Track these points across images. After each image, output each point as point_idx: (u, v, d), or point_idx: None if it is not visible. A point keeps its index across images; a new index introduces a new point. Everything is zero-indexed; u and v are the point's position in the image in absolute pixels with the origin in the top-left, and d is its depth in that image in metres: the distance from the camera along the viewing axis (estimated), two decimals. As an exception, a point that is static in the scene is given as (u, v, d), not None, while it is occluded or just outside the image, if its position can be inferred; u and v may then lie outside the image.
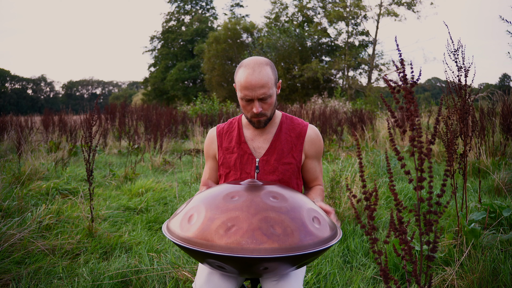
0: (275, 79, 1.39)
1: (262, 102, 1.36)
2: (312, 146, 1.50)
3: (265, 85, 1.33)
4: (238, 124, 1.54)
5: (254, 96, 1.34)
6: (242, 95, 1.36)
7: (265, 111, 1.38)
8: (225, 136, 1.53)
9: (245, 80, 1.33)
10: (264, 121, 1.42)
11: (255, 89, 1.32)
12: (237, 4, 33.60)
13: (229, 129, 1.54)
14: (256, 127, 1.43)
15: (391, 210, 0.89)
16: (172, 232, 1.04)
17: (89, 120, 2.89)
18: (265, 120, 1.41)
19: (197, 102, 14.18)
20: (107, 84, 74.93)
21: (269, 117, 1.42)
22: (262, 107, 1.37)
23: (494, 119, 5.63)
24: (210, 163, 1.58)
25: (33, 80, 61.98)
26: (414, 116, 0.81)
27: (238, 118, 1.56)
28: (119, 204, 3.57)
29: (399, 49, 0.87)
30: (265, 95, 1.34)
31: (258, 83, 1.32)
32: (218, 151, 1.52)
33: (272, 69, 1.37)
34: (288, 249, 0.92)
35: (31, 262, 2.29)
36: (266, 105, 1.37)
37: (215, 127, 1.57)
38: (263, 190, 1.10)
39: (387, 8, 22.74)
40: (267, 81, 1.33)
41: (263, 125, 1.42)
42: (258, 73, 1.33)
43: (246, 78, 1.32)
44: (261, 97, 1.34)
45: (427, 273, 0.85)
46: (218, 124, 1.60)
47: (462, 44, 2.48)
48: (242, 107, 1.41)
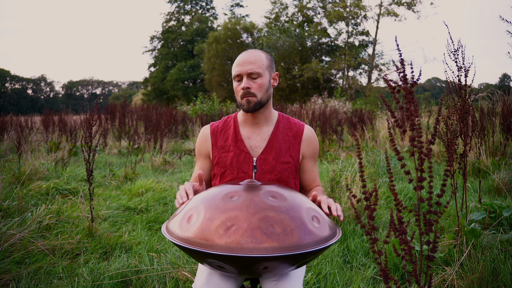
0: (268, 64, 1.42)
1: (251, 80, 1.38)
2: (309, 146, 1.49)
3: (255, 62, 1.38)
4: (234, 122, 1.51)
5: (242, 71, 1.37)
6: (234, 73, 1.41)
7: (254, 91, 1.38)
8: (220, 134, 1.49)
9: (238, 58, 1.41)
10: (254, 103, 1.39)
11: (244, 65, 1.38)
12: (237, 4, 33.61)
13: (224, 127, 1.51)
14: (245, 109, 1.41)
15: (391, 210, 0.89)
16: (172, 232, 1.04)
17: (89, 120, 2.89)
18: (255, 102, 1.39)
19: (197, 102, 14.18)
20: (107, 84, 74.95)
21: (259, 101, 1.40)
22: (250, 85, 1.37)
23: (494, 119, 5.63)
24: (201, 162, 1.53)
25: (33, 80, 61.99)
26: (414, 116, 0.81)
27: (233, 116, 1.53)
28: (119, 204, 3.57)
29: (399, 49, 0.87)
30: (253, 71, 1.37)
31: (248, 59, 1.38)
32: (213, 149, 1.49)
33: (266, 56, 1.43)
34: (288, 248, 0.92)
35: (31, 262, 2.29)
36: (255, 84, 1.38)
37: (208, 125, 1.54)
38: (262, 189, 1.10)
39: (387, 8, 22.74)
40: (257, 59, 1.39)
41: (252, 106, 1.39)
42: (250, 53, 1.41)
43: (239, 56, 1.41)
44: (250, 71, 1.37)
45: (427, 273, 0.85)
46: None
47: (462, 44, 2.48)
48: (235, 90, 1.43)
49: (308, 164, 1.51)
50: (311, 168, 1.51)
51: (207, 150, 1.51)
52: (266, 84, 1.40)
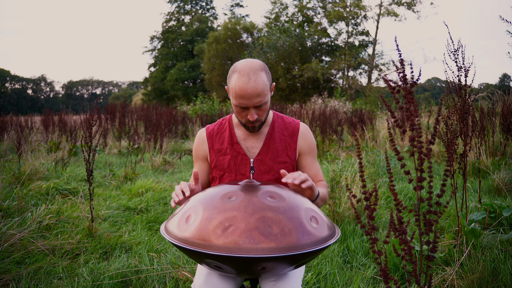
0: (270, 84, 1.35)
1: (257, 109, 1.34)
2: (305, 142, 1.48)
3: (261, 93, 1.30)
4: (229, 124, 1.50)
5: (249, 104, 1.30)
6: (236, 103, 1.32)
7: (260, 117, 1.37)
8: (216, 138, 1.48)
9: (240, 89, 1.28)
10: (258, 126, 1.41)
11: (251, 98, 1.29)
12: (237, 4, 33.60)
13: (220, 130, 1.50)
14: (250, 131, 1.42)
15: (391, 210, 0.89)
16: (170, 232, 1.04)
17: (89, 120, 2.89)
18: (259, 125, 1.41)
19: (197, 102, 14.18)
20: (107, 84, 74.95)
21: (263, 122, 1.41)
22: (257, 114, 1.35)
23: (494, 119, 5.63)
24: (199, 165, 1.52)
25: (33, 80, 62.00)
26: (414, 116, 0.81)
27: (228, 118, 1.52)
28: (119, 204, 3.57)
29: (399, 49, 0.87)
30: (261, 103, 1.31)
31: (254, 92, 1.28)
32: (210, 153, 1.48)
33: (267, 74, 1.33)
34: (286, 248, 0.92)
35: (31, 262, 2.29)
36: (261, 112, 1.36)
37: (204, 128, 1.52)
38: (261, 190, 1.10)
39: (387, 8, 22.74)
40: (263, 89, 1.30)
41: (257, 129, 1.41)
42: (253, 81, 1.28)
43: (242, 87, 1.28)
44: (257, 105, 1.31)
45: (427, 273, 0.85)
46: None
47: (462, 44, 2.48)
48: (236, 112, 1.37)
49: (307, 160, 1.49)
50: (310, 164, 1.50)
51: (204, 154, 1.50)
52: (269, 104, 1.39)
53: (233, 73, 1.32)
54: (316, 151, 1.55)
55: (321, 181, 1.51)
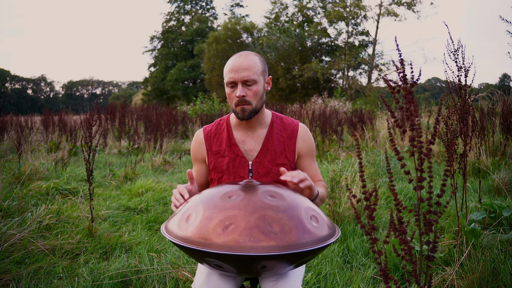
0: (262, 69, 1.37)
1: (246, 87, 1.33)
2: (304, 143, 1.47)
3: (250, 68, 1.32)
4: (226, 125, 1.48)
5: (237, 78, 1.32)
6: (226, 80, 1.35)
7: (249, 98, 1.34)
8: (213, 139, 1.47)
9: (231, 63, 1.34)
10: (249, 111, 1.35)
11: (239, 71, 1.32)
12: (237, 4, 33.60)
13: (218, 131, 1.48)
14: (240, 117, 1.37)
15: (391, 210, 0.89)
16: (171, 232, 1.05)
17: (89, 120, 2.89)
18: (250, 110, 1.35)
19: (197, 102, 14.18)
20: (107, 84, 74.94)
21: (255, 108, 1.36)
22: (245, 93, 1.33)
23: (494, 119, 5.63)
24: (197, 166, 1.51)
25: (33, 80, 62.00)
26: (414, 116, 0.81)
27: (226, 119, 1.50)
28: (119, 204, 3.57)
29: (399, 49, 0.87)
30: (249, 78, 1.32)
31: (243, 65, 1.32)
32: (208, 154, 1.46)
33: (260, 60, 1.38)
34: (286, 247, 0.92)
35: (31, 262, 2.29)
36: (250, 92, 1.34)
37: (202, 129, 1.51)
38: (261, 189, 1.10)
39: (387, 8, 22.74)
40: (252, 65, 1.33)
41: (247, 115, 1.36)
42: (244, 57, 1.34)
43: (232, 62, 1.35)
44: (245, 79, 1.32)
45: (427, 273, 0.85)
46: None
47: (462, 44, 2.48)
48: (227, 96, 1.38)
49: (306, 162, 1.48)
50: (309, 165, 1.49)
51: (202, 155, 1.49)
52: (261, 91, 1.37)
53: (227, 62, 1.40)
54: (315, 152, 1.54)
55: (320, 181, 1.50)
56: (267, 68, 1.43)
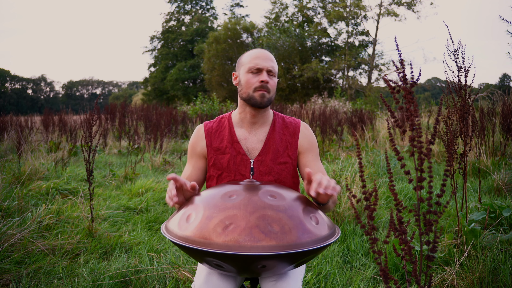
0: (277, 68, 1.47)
1: (269, 76, 1.40)
2: (305, 139, 1.46)
3: (274, 61, 1.43)
4: (228, 122, 1.47)
5: (264, 65, 1.38)
6: (252, 65, 1.39)
7: (270, 87, 1.39)
8: (214, 135, 1.46)
9: (257, 52, 1.41)
10: (267, 98, 1.39)
11: (265, 60, 1.39)
12: (237, 4, 33.61)
13: (219, 127, 1.47)
14: (258, 103, 1.38)
15: (391, 210, 0.89)
16: (171, 231, 1.05)
17: (89, 120, 2.89)
18: (268, 98, 1.39)
19: (197, 102, 14.18)
20: (107, 84, 74.94)
21: (270, 98, 1.41)
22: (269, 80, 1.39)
23: (494, 119, 5.63)
24: (194, 161, 1.48)
25: (33, 80, 62.00)
26: (414, 116, 0.81)
27: (227, 116, 1.50)
28: (119, 204, 3.57)
29: (399, 49, 0.87)
30: (273, 69, 1.40)
31: (269, 57, 1.41)
32: (208, 150, 1.45)
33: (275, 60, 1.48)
34: (286, 246, 0.93)
35: (31, 262, 2.29)
36: (272, 81, 1.40)
37: (202, 125, 1.49)
38: (261, 189, 1.10)
39: (387, 8, 22.74)
40: (275, 60, 1.44)
41: (265, 101, 1.38)
42: (268, 52, 1.43)
43: (258, 52, 1.42)
44: (270, 68, 1.39)
45: (427, 273, 0.85)
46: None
47: (462, 44, 2.48)
48: (246, 81, 1.39)
49: (308, 158, 1.45)
50: (312, 162, 1.44)
51: (202, 150, 1.47)
52: (276, 86, 1.44)
53: (244, 53, 1.47)
54: (318, 150, 1.52)
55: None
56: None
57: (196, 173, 1.47)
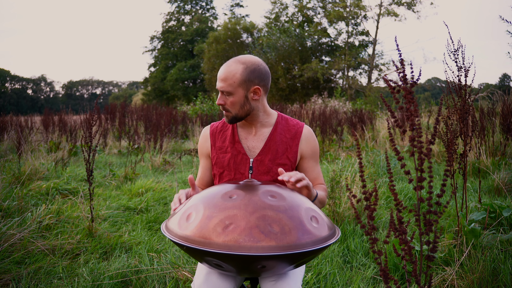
0: (242, 80, 1.33)
1: (224, 97, 1.38)
2: (308, 145, 1.48)
3: (226, 79, 1.34)
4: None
5: (218, 86, 1.37)
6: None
7: (227, 107, 1.38)
8: (218, 135, 1.50)
9: (219, 72, 1.39)
10: (230, 117, 1.40)
11: (219, 80, 1.37)
12: (237, 4, 33.60)
13: (223, 128, 1.52)
14: (226, 121, 1.44)
15: (391, 210, 0.89)
16: (171, 231, 1.05)
17: (89, 120, 2.89)
18: (231, 117, 1.40)
19: (197, 102, 14.18)
20: (107, 84, 74.93)
21: (235, 116, 1.40)
22: (224, 101, 1.38)
23: (494, 119, 5.63)
24: (203, 162, 1.56)
25: (33, 80, 61.99)
26: (414, 116, 0.81)
27: None
28: (119, 204, 3.57)
29: (399, 49, 0.87)
30: (223, 90, 1.36)
31: (221, 76, 1.36)
32: (212, 150, 1.50)
33: (244, 71, 1.33)
34: (286, 247, 0.93)
35: (31, 262, 2.29)
36: (228, 101, 1.38)
37: (209, 126, 1.55)
38: (261, 189, 1.10)
39: (387, 8, 22.74)
40: (229, 76, 1.34)
41: (229, 120, 1.41)
42: (227, 67, 1.35)
43: (220, 69, 1.39)
44: (221, 89, 1.37)
45: (427, 273, 0.85)
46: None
47: (462, 44, 2.48)
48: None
49: (308, 164, 1.50)
50: (312, 167, 1.50)
51: (207, 151, 1.52)
52: (239, 101, 1.36)
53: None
54: (319, 155, 1.55)
55: (321, 185, 1.51)
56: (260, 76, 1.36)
57: (206, 173, 1.56)
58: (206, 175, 1.55)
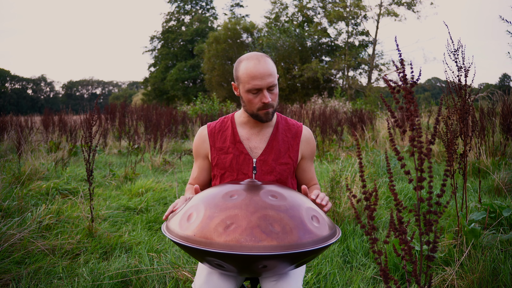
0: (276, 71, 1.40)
1: (270, 92, 1.35)
2: (308, 146, 1.50)
3: (273, 73, 1.34)
4: (231, 123, 1.49)
5: (263, 85, 1.32)
6: (250, 87, 1.33)
7: (273, 102, 1.37)
8: (217, 136, 1.48)
9: (253, 70, 1.31)
10: (272, 114, 1.38)
11: (264, 78, 1.32)
12: (237, 4, 33.59)
13: (222, 128, 1.49)
14: (264, 120, 1.39)
15: (391, 210, 0.89)
16: (172, 231, 1.05)
17: (89, 120, 2.89)
18: (272, 112, 1.39)
19: (197, 102, 14.18)
20: (107, 84, 74.92)
21: (275, 109, 1.40)
22: (272, 98, 1.36)
23: (494, 119, 5.63)
24: (199, 162, 1.53)
25: (33, 80, 61.98)
26: (414, 116, 0.81)
27: (230, 117, 1.51)
28: (119, 204, 3.57)
29: (399, 49, 0.87)
30: (273, 84, 1.34)
31: (267, 72, 1.32)
32: (211, 151, 1.47)
33: (273, 61, 1.40)
34: (287, 247, 0.93)
35: (31, 262, 2.29)
36: (273, 95, 1.37)
37: (206, 126, 1.52)
38: (262, 189, 1.10)
39: (387, 8, 22.73)
40: (273, 69, 1.35)
41: (270, 117, 1.39)
42: (264, 62, 1.33)
43: (254, 68, 1.31)
44: (270, 85, 1.33)
45: (427, 273, 0.85)
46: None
47: (462, 44, 2.48)
48: (248, 101, 1.36)
49: (307, 164, 1.52)
50: (309, 167, 1.53)
51: (205, 151, 1.50)
52: (278, 91, 1.40)
53: (240, 63, 1.37)
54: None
55: (316, 185, 1.55)
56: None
57: (202, 174, 1.53)
58: (203, 175, 1.53)
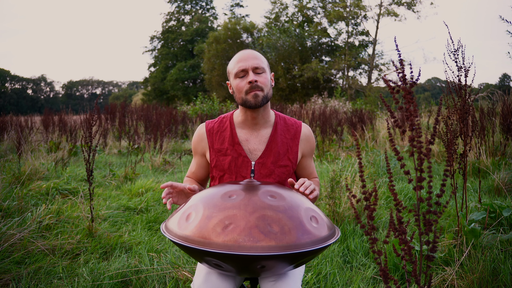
0: (267, 63, 1.44)
1: (257, 75, 1.36)
2: (308, 144, 1.50)
3: (258, 57, 1.39)
4: (230, 123, 1.47)
5: (247, 65, 1.35)
6: (236, 70, 1.37)
7: (261, 84, 1.35)
8: (216, 136, 1.46)
9: (239, 55, 1.40)
10: (261, 97, 1.35)
11: (248, 60, 1.36)
12: (237, 4, 33.59)
13: (220, 128, 1.47)
14: (252, 105, 1.36)
15: (390, 210, 0.89)
16: (170, 230, 1.05)
17: (89, 120, 2.89)
18: (262, 96, 1.36)
19: (197, 102, 14.18)
20: (107, 84, 74.92)
21: (266, 96, 1.37)
22: (257, 79, 1.36)
23: (494, 119, 5.63)
24: (198, 159, 1.53)
25: (33, 80, 61.97)
26: (414, 116, 0.81)
27: (229, 117, 1.49)
28: (119, 204, 3.57)
29: (399, 49, 0.87)
30: (258, 66, 1.36)
31: (251, 55, 1.38)
32: (210, 151, 1.46)
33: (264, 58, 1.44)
34: (285, 247, 0.92)
35: (31, 262, 2.29)
36: (261, 78, 1.36)
37: (204, 124, 1.50)
38: (261, 189, 1.10)
39: (387, 8, 22.74)
40: (259, 56, 1.40)
41: (260, 101, 1.35)
42: (250, 50, 1.41)
43: (240, 54, 1.40)
44: (255, 65, 1.35)
45: (427, 273, 0.85)
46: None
47: (462, 44, 2.48)
48: (237, 88, 1.38)
49: (307, 161, 1.52)
50: (309, 164, 1.54)
51: (203, 150, 1.49)
52: (268, 81, 1.40)
53: (230, 62, 1.45)
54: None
55: (315, 178, 1.55)
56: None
57: (199, 170, 1.54)
58: (200, 171, 1.54)
